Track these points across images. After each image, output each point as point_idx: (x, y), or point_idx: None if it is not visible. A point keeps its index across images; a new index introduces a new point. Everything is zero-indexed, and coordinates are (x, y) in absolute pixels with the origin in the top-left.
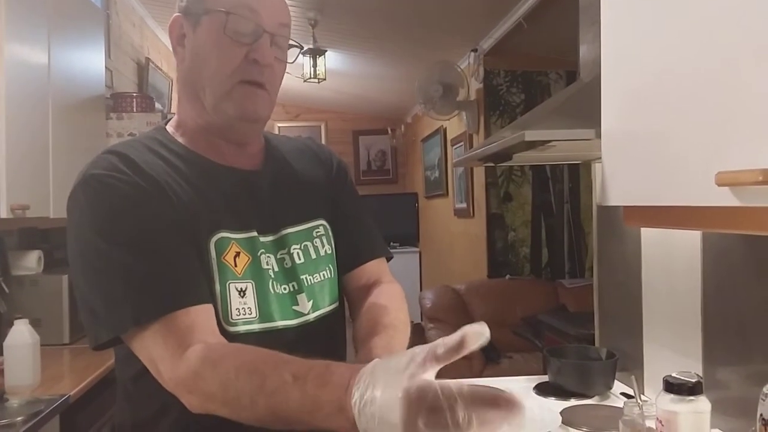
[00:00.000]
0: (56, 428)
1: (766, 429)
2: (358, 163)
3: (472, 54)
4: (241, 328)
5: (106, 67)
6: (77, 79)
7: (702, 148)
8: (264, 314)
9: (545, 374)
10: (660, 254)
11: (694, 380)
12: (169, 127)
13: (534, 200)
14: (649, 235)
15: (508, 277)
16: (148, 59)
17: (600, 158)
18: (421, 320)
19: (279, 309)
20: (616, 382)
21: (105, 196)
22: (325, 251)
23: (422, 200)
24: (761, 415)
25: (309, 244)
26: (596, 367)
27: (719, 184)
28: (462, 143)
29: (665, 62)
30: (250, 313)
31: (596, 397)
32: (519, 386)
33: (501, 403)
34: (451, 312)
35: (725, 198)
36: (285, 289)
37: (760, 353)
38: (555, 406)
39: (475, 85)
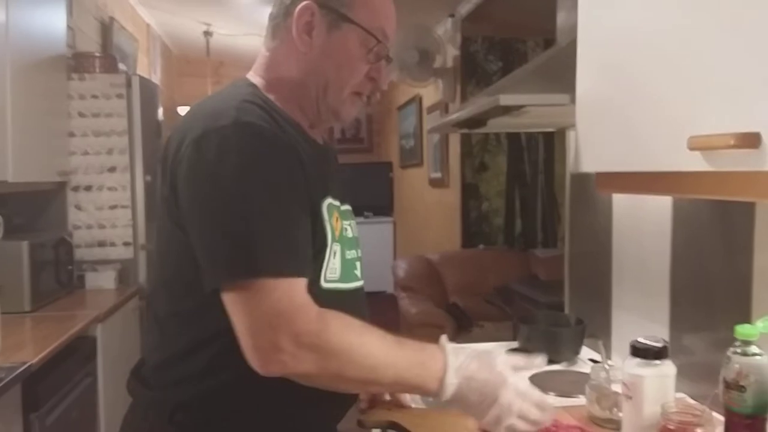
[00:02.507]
0: (17, 397)
1: (728, 390)
2: (331, 131)
3: (450, 19)
4: (328, 286)
5: (67, 26)
6: (37, 38)
7: (674, 114)
8: (343, 275)
9: (515, 341)
10: (630, 222)
11: (660, 345)
12: (266, 92)
13: (509, 170)
14: (620, 202)
15: (481, 247)
16: (112, 18)
17: (574, 126)
18: (394, 290)
19: (350, 272)
20: (584, 348)
21: (262, 146)
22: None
23: (397, 170)
24: (724, 378)
25: (353, 222)
26: (564, 333)
27: (691, 149)
28: (438, 112)
29: (639, 29)
30: (335, 274)
31: (564, 363)
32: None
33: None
34: (424, 281)
35: (697, 163)
36: (352, 255)
37: (725, 319)
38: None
39: (452, 52)
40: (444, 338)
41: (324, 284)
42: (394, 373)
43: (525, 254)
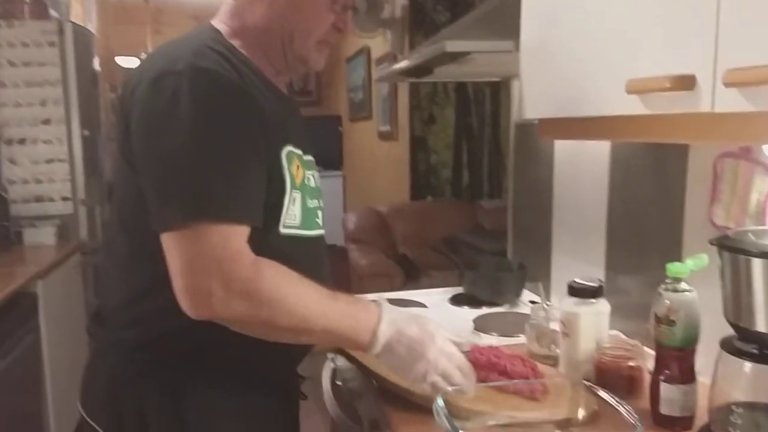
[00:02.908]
0: None
1: (658, 324)
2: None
3: None
4: (287, 231)
5: None
6: None
7: (613, 59)
8: (303, 222)
9: (461, 286)
10: (570, 169)
11: (595, 284)
12: (230, 39)
13: (456, 123)
14: (561, 150)
15: (430, 199)
16: None
17: (519, 75)
18: (345, 242)
19: (311, 220)
20: (525, 291)
21: (216, 92)
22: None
23: (346, 123)
24: (655, 313)
25: (316, 173)
26: (507, 277)
27: (629, 92)
28: (386, 64)
29: None
30: (294, 220)
31: (506, 305)
32: (437, 298)
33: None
34: (374, 233)
35: (635, 106)
36: (314, 204)
37: (656, 261)
38: (468, 314)
39: (400, 2)
40: (381, 299)
41: (282, 230)
42: (325, 323)
43: (471, 205)
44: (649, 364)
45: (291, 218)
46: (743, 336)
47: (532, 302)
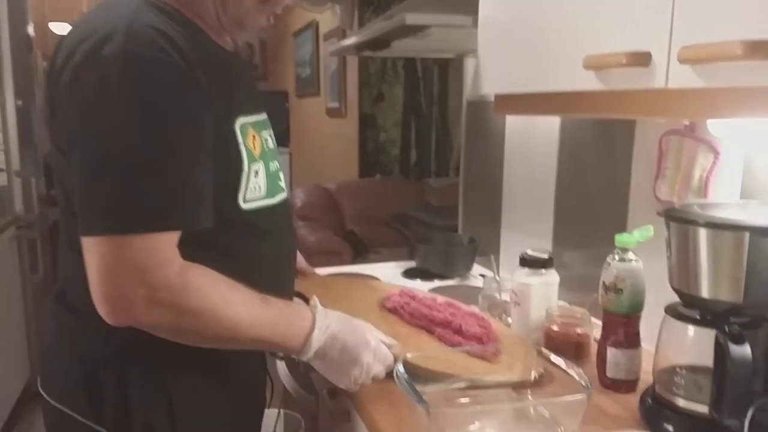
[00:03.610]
0: None
1: (606, 293)
2: None
3: None
4: (251, 206)
5: None
6: None
7: (571, 35)
8: (268, 190)
9: (412, 260)
10: (521, 146)
11: (545, 256)
12: None
13: (405, 101)
14: (512, 127)
15: (378, 176)
16: None
17: (474, 51)
18: (293, 220)
19: (275, 185)
20: (475, 265)
21: (151, 81)
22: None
23: (293, 99)
24: (603, 282)
25: (271, 131)
26: (458, 251)
27: (586, 68)
28: (335, 39)
29: None
30: (260, 192)
31: (457, 279)
32: (389, 271)
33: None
34: (322, 211)
35: (591, 82)
36: (275, 166)
37: (602, 235)
38: (421, 287)
39: None
40: (315, 299)
41: (245, 206)
42: (256, 333)
43: (419, 183)
44: (595, 333)
45: (255, 191)
46: (687, 302)
47: (483, 275)
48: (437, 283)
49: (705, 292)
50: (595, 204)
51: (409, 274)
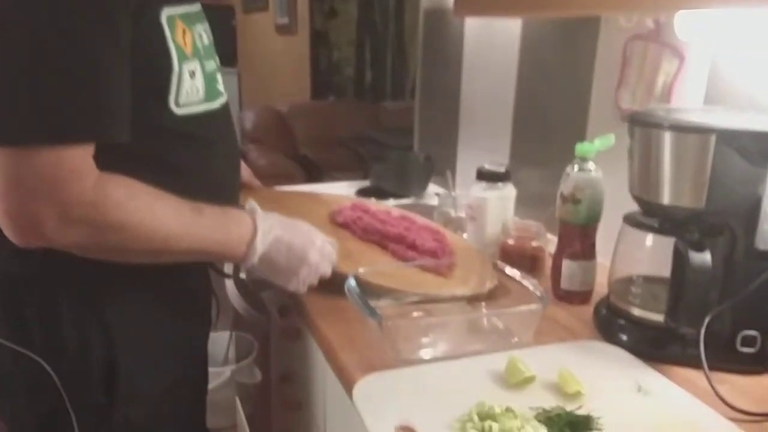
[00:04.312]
0: None
1: (564, 203)
2: None
3: None
4: (186, 111)
5: None
6: None
7: None
8: (206, 94)
9: (366, 179)
10: (480, 57)
11: (503, 169)
12: None
13: (359, 18)
14: (471, 36)
15: (331, 98)
16: None
17: None
18: (242, 142)
19: (212, 88)
20: (431, 184)
21: None
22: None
23: (240, 14)
24: (561, 192)
25: (207, 24)
26: (413, 169)
27: None
28: None
29: None
30: (197, 95)
31: (413, 198)
32: (341, 191)
33: None
34: (273, 133)
35: None
36: (211, 66)
37: (560, 148)
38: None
39: None
40: (252, 203)
41: (178, 111)
42: (190, 243)
43: (374, 106)
44: (550, 248)
45: (191, 94)
46: (647, 210)
47: (438, 194)
48: (392, 202)
49: (666, 199)
50: (555, 116)
51: (362, 193)
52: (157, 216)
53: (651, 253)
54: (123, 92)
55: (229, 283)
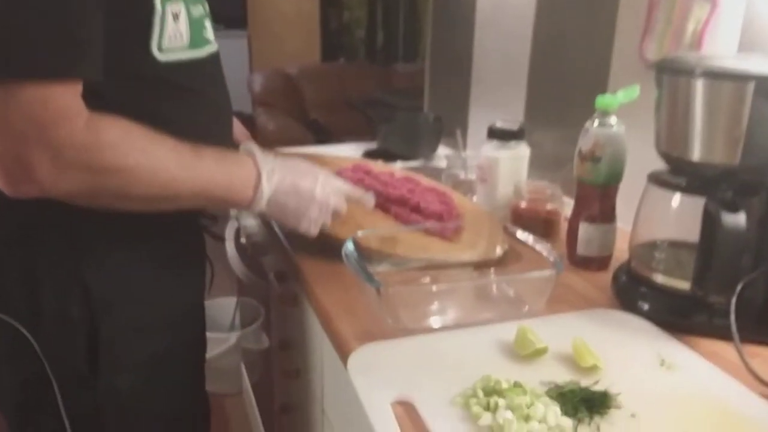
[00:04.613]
0: None
1: (582, 162)
2: None
3: None
4: (171, 57)
5: None
6: None
7: None
8: (191, 40)
9: (374, 141)
10: (495, 11)
11: (516, 127)
12: None
13: None
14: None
15: (342, 60)
16: None
17: None
18: (252, 107)
19: (199, 35)
20: (440, 146)
21: None
22: None
23: None
24: (580, 149)
25: None
26: (423, 130)
27: None
28: None
29: None
30: (181, 40)
31: (421, 160)
32: (347, 153)
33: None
34: (283, 96)
35: None
36: (198, 11)
37: (579, 105)
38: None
39: None
40: (249, 144)
41: (161, 56)
42: (192, 187)
43: (386, 69)
44: (566, 211)
45: (174, 39)
46: (675, 168)
47: (447, 156)
48: (400, 164)
49: (696, 155)
50: (574, 69)
51: (369, 155)
52: (156, 158)
53: (678, 216)
54: (98, 28)
55: (230, 248)
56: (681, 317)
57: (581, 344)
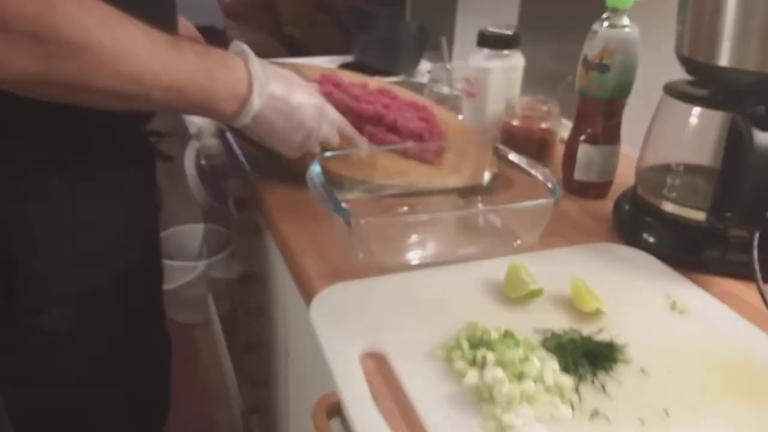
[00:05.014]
0: None
1: (587, 71)
2: None
3: None
4: None
5: None
6: None
7: None
8: None
9: (350, 54)
10: None
11: (510, 32)
12: None
13: None
14: None
15: None
16: None
17: None
18: (223, 21)
19: None
20: (424, 61)
21: None
22: None
23: None
24: (585, 57)
25: None
26: (404, 40)
27: None
28: None
29: None
30: None
31: (402, 75)
32: (323, 66)
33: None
34: (255, 8)
35: None
36: None
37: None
38: None
39: None
40: (240, 44)
41: None
42: (170, 84)
43: None
44: (562, 132)
45: None
46: (698, 76)
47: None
48: (378, 80)
49: (725, 59)
50: None
51: (346, 68)
52: (124, 38)
53: (697, 134)
54: None
55: (190, 171)
56: (692, 252)
57: (582, 285)
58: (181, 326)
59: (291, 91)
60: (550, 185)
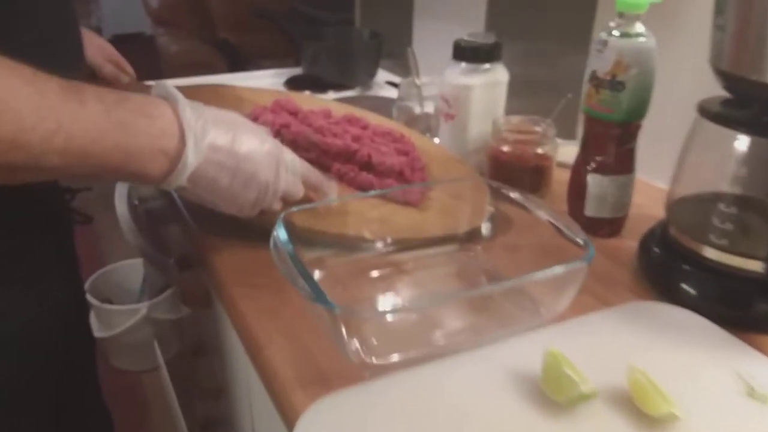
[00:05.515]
0: None
1: (598, 90)
2: None
3: None
4: None
5: None
6: None
7: None
8: None
9: (298, 66)
10: None
11: (491, 41)
12: None
13: None
14: None
15: None
16: None
17: None
18: (151, 27)
19: None
20: (380, 70)
21: None
22: None
23: None
24: (594, 73)
25: None
26: (357, 49)
27: None
28: None
29: None
30: None
31: (358, 88)
32: (268, 81)
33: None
34: (186, 13)
35: None
36: None
37: (554, 24)
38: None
39: None
40: (164, 84)
41: None
42: (65, 145)
43: None
44: (559, 155)
45: None
46: (739, 94)
47: (392, 83)
48: (332, 95)
49: None
50: None
51: (294, 84)
52: (9, 89)
53: (743, 163)
54: None
55: (121, 210)
56: (746, 308)
57: (643, 379)
58: (125, 374)
59: (236, 138)
60: (580, 241)
